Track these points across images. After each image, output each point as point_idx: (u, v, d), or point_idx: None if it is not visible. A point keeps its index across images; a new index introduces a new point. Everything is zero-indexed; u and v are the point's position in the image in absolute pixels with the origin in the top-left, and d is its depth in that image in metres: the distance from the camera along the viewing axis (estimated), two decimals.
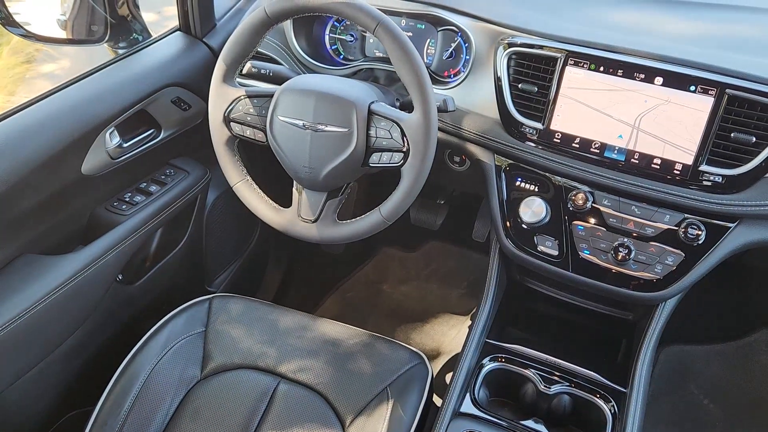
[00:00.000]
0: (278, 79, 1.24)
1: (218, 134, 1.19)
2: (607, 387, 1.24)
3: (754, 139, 1.06)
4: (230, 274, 1.84)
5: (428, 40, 1.40)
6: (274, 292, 2.09)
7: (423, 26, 1.39)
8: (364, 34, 1.47)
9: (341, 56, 1.51)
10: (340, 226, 1.15)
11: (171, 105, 1.44)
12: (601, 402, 1.21)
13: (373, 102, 1.10)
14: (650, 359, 1.24)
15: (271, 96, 1.13)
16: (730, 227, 1.13)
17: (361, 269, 2.25)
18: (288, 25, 1.43)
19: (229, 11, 1.58)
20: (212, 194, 1.64)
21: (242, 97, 1.16)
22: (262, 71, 1.29)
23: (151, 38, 1.48)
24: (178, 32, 1.51)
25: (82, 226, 1.36)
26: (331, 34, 1.50)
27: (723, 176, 1.09)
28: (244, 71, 1.26)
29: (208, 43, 1.51)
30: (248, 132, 1.17)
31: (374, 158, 1.10)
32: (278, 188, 1.29)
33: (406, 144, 1.06)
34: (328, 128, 1.08)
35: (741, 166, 1.08)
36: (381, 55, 1.46)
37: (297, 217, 1.17)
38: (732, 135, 1.08)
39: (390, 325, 2.03)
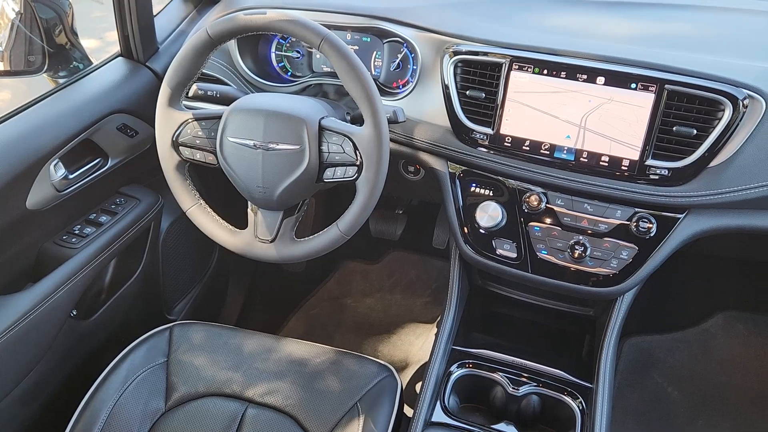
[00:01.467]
0: (226, 100, 1.22)
1: (167, 159, 1.17)
2: (574, 384, 1.26)
3: (695, 131, 1.10)
4: (190, 301, 1.80)
5: (375, 53, 1.41)
6: (236, 315, 2.05)
7: (369, 39, 1.40)
8: (310, 50, 1.47)
9: (289, 73, 1.50)
10: (298, 244, 1.14)
11: (117, 132, 1.41)
12: (568, 399, 1.22)
13: (323, 117, 1.10)
14: (613, 353, 1.26)
15: (220, 117, 1.12)
16: (680, 218, 1.16)
17: (324, 285, 2.23)
18: (233, 45, 1.42)
19: (171, 34, 1.55)
20: (166, 221, 1.61)
21: (190, 120, 1.14)
22: (209, 93, 1.27)
23: (93, 65, 1.45)
24: (120, 58, 1.48)
25: (31, 263, 1.31)
26: (277, 52, 1.49)
27: (669, 169, 1.12)
28: (190, 94, 1.24)
29: (151, 67, 1.48)
30: (198, 155, 1.15)
31: (328, 174, 1.09)
32: (234, 210, 1.27)
33: (359, 157, 1.06)
34: (280, 146, 1.07)
35: (685, 158, 1.11)
36: (329, 69, 1.46)
37: (254, 238, 1.16)
38: (674, 129, 1.11)
39: (356, 340, 2.02)
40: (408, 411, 1.28)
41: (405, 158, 1.40)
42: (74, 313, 1.38)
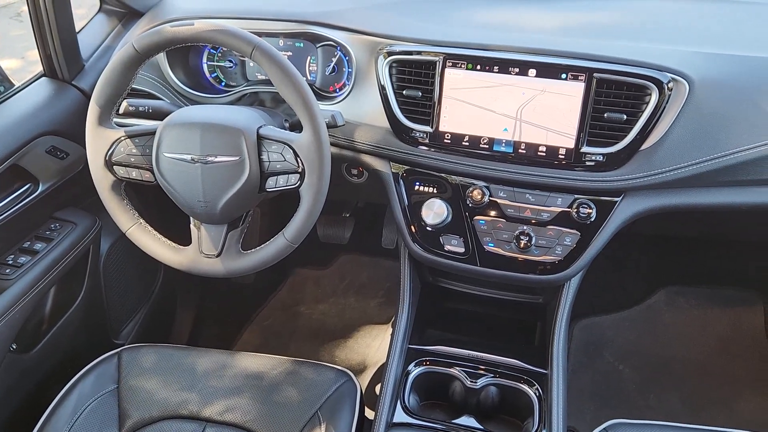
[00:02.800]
0: (159, 115, 1.19)
1: (102, 180, 1.13)
2: (530, 371, 1.28)
3: (625, 116, 1.13)
4: (138, 323, 1.75)
5: (309, 58, 1.40)
6: (187, 334, 2.00)
7: (302, 44, 1.39)
8: (243, 59, 1.45)
9: (222, 83, 1.48)
10: (245, 256, 1.13)
11: (46, 155, 1.35)
12: (525, 387, 1.24)
13: (261, 126, 1.08)
14: (564, 337, 1.29)
15: (154, 133, 1.09)
16: (617, 201, 1.20)
17: (276, 295, 2.21)
18: (162, 58, 1.39)
19: (96, 50, 1.50)
20: (105, 243, 1.56)
21: (122, 138, 1.11)
22: (141, 108, 1.24)
23: (15, 87, 1.38)
24: (44, 78, 1.42)
25: None
26: (208, 63, 1.46)
27: (603, 155, 1.16)
28: (120, 111, 1.20)
29: (77, 85, 1.43)
30: (134, 173, 1.12)
31: (270, 183, 1.08)
32: (176, 227, 1.24)
33: (300, 164, 1.05)
34: (219, 159, 1.05)
35: (617, 143, 1.15)
36: (263, 77, 1.44)
37: (199, 253, 1.13)
38: (605, 115, 1.14)
39: (313, 347, 2.00)
40: (369, 414, 1.27)
41: (347, 161, 1.39)
42: (14, 347, 1.31)
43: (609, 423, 1.14)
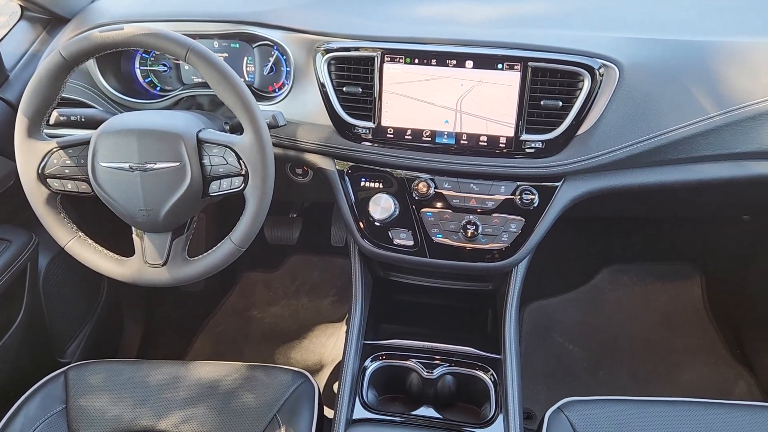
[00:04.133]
0: (93, 124, 1.15)
1: (35, 194, 1.09)
2: (484, 358, 1.30)
3: (560, 103, 1.17)
4: (83, 340, 1.69)
5: (246, 58, 1.38)
6: (136, 347, 1.95)
7: (237, 45, 1.37)
8: (177, 62, 1.42)
9: (158, 88, 1.44)
10: (192, 263, 1.10)
11: None
12: (480, 373, 1.26)
13: (200, 130, 1.06)
14: (515, 321, 1.32)
15: (88, 142, 1.06)
16: (558, 186, 1.23)
17: (227, 300, 2.18)
18: (92, 65, 1.34)
19: (21, 59, 1.44)
20: (44, 259, 1.50)
21: (54, 150, 1.07)
22: (72, 118, 1.19)
23: None
24: None
25: None
26: (141, 67, 1.42)
27: (542, 141, 1.19)
28: (51, 121, 1.15)
29: (3, 97, 1.37)
30: (69, 185, 1.08)
31: (214, 187, 1.06)
32: (117, 237, 1.21)
33: (243, 167, 1.04)
34: (158, 165, 1.03)
35: (555, 129, 1.18)
36: (200, 80, 1.42)
37: (143, 263, 1.10)
38: (542, 103, 1.17)
39: (268, 351, 1.98)
40: (329, 413, 1.27)
41: (291, 161, 1.38)
42: None
43: (562, 402, 1.17)
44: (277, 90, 1.36)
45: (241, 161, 1.04)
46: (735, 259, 1.98)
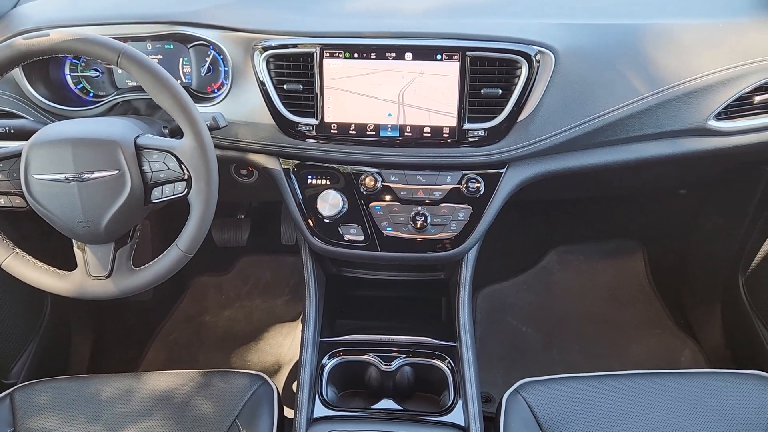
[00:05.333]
0: (23, 135, 1.11)
1: None
2: (440, 346, 1.32)
3: (500, 91, 1.18)
4: (29, 359, 1.62)
5: (181, 59, 1.35)
6: (86, 362, 1.89)
7: (172, 46, 1.33)
8: (109, 66, 1.37)
9: (91, 94, 1.39)
10: (138, 273, 1.08)
11: None
12: (437, 362, 1.28)
13: (138, 136, 1.04)
14: (469, 308, 1.34)
15: (19, 155, 1.02)
16: (502, 173, 1.25)
17: (178, 307, 2.13)
18: (18, 73, 1.28)
19: None
20: None
21: None
22: (0, 130, 1.14)
23: None
24: None
25: None
26: (71, 74, 1.37)
27: (484, 130, 1.20)
28: None
29: None
30: (2, 200, 1.04)
31: (156, 194, 1.04)
32: (59, 251, 1.16)
33: (185, 171, 1.02)
34: (96, 175, 1.00)
35: (496, 117, 1.20)
36: (135, 84, 1.37)
37: (87, 276, 1.07)
38: (482, 91, 1.18)
39: (223, 356, 1.95)
40: (289, 413, 1.26)
41: (235, 162, 1.36)
42: None
43: (519, 383, 1.20)
44: (216, 90, 1.33)
45: (182, 166, 1.01)
46: (674, 232, 2.05)
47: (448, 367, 1.27)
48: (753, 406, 1.12)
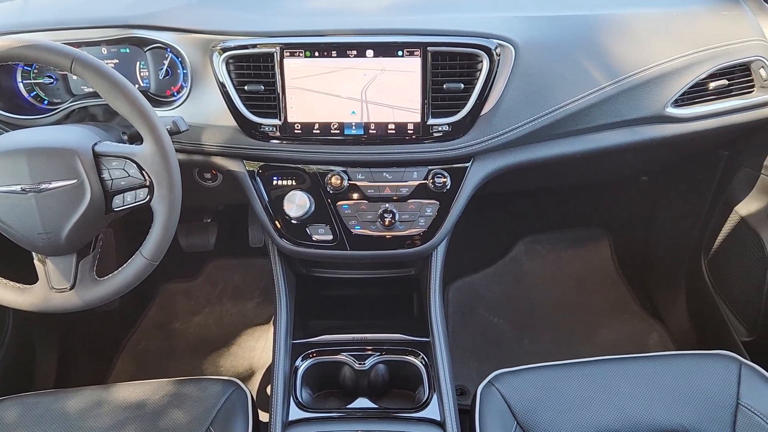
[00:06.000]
0: None
1: None
2: (413, 342, 1.32)
3: (462, 85, 1.19)
4: None
5: (138, 63, 1.32)
6: (53, 377, 1.84)
7: (128, 50, 1.30)
8: (63, 73, 1.33)
9: (45, 102, 1.35)
10: (103, 283, 1.05)
11: None
12: (411, 358, 1.28)
13: (96, 143, 1.01)
14: (440, 303, 1.35)
15: None
16: (468, 167, 1.26)
17: (146, 316, 2.09)
18: None
19: None
20: None
21: None
22: None
23: None
24: None
25: None
26: (24, 81, 1.33)
27: (448, 124, 1.21)
28: None
29: None
30: None
31: (117, 202, 1.02)
32: (19, 264, 1.13)
33: (147, 177, 0.99)
34: (54, 185, 0.97)
35: (459, 111, 1.20)
36: (91, 90, 1.34)
37: (49, 289, 1.04)
38: (444, 86, 1.19)
39: (195, 363, 1.93)
40: (264, 417, 1.25)
41: (198, 166, 1.34)
42: None
43: (492, 375, 1.21)
44: (175, 94, 1.31)
45: (143, 172, 0.99)
46: (638, 219, 2.10)
47: (421, 362, 1.27)
48: (719, 385, 1.15)
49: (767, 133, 1.44)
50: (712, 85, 1.34)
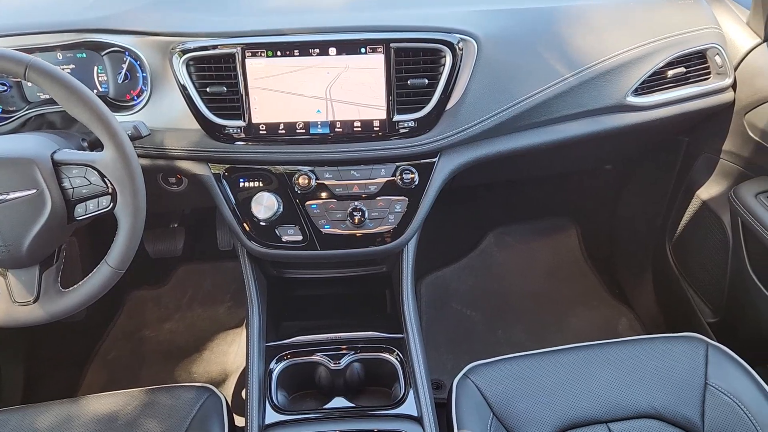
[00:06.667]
0: None
1: None
2: (388, 339, 1.32)
3: (426, 81, 1.19)
4: None
5: (96, 68, 1.28)
6: (20, 392, 1.79)
7: (84, 55, 1.27)
8: (17, 79, 1.30)
9: None
10: (68, 294, 1.03)
11: None
12: (386, 355, 1.28)
13: (55, 151, 0.99)
14: (413, 298, 1.35)
15: None
16: (435, 162, 1.26)
17: (115, 324, 2.05)
18: None
19: None
20: None
21: None
22: None
23: None
24: None
25: None
26: None
27: (414, 120, 1.21)
28: None
29: None
30: None
31: (80, 210, 0.99)
32: None
33: (109, 185, 0.97)
34: (12, 196, 0.94)
35: (425, 107, 1.20)
36: (47, 96, 1.30)
37: (11, 303, 1.01)
38: (409, 82, 1.19)
39: (167, 370, 1.90)
40: (240, 421, 1.24)
41: (162, 171, 1.32)
42: None
43: (467, 368, 1.21)
44: (135, 98, 1.28)
45: (105, 179, 0.97)
46: (603, 207, 2.13)
47: (396, 359, 1.27)
48: (687, 366, 1.18)
49: (725, 119, 1.48)
50: (670, 73, 1.37)
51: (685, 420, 1.11)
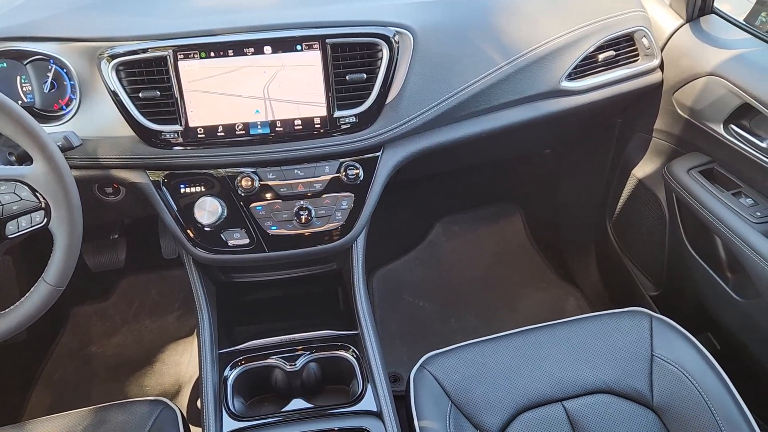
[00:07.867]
0: None
1: None
2: (343, 336, 1.31)
3: (365, 75, 1.19)
4: None
5: (19, 78, 1.22)
6: None
7: (5, 64, 1.21)
8: None
9: None
10: (5, 316, 0.98)
11: None
12: (342, 352, 1.28)
13: None
14: (365, 293, 1.35)
15: None
16: (378, 156, 1.26)
17: (59, 343, 1.98)
18: None
19: None
20: None
21: None
22: None
23: None
24: None
25: None
26: None
27: (355, 115, 1.20)
28: None
29: None
30: None
31: (11, 228, 0.95)
32: None
33: (41, 199, 0.93)
34: None
35: (365, 101, 1.20)
36: None
37: None
38: (347, 78, 1.18)
39: (118, 386, 1.84)
40: None
41: (97, 181, 1.27)
42: None
43: (423, 359, 1.22)
44: (64, 107, 1.23)
45: (37, 194, 0.93)
46: (545, 190, 2.18)
47: (352, 355, 1.27)
48: (634, 340, 1.22)
49: (655, 99, 1.53)
50: (600, 57, 1.41)
51: (635, 392, 1.15)
